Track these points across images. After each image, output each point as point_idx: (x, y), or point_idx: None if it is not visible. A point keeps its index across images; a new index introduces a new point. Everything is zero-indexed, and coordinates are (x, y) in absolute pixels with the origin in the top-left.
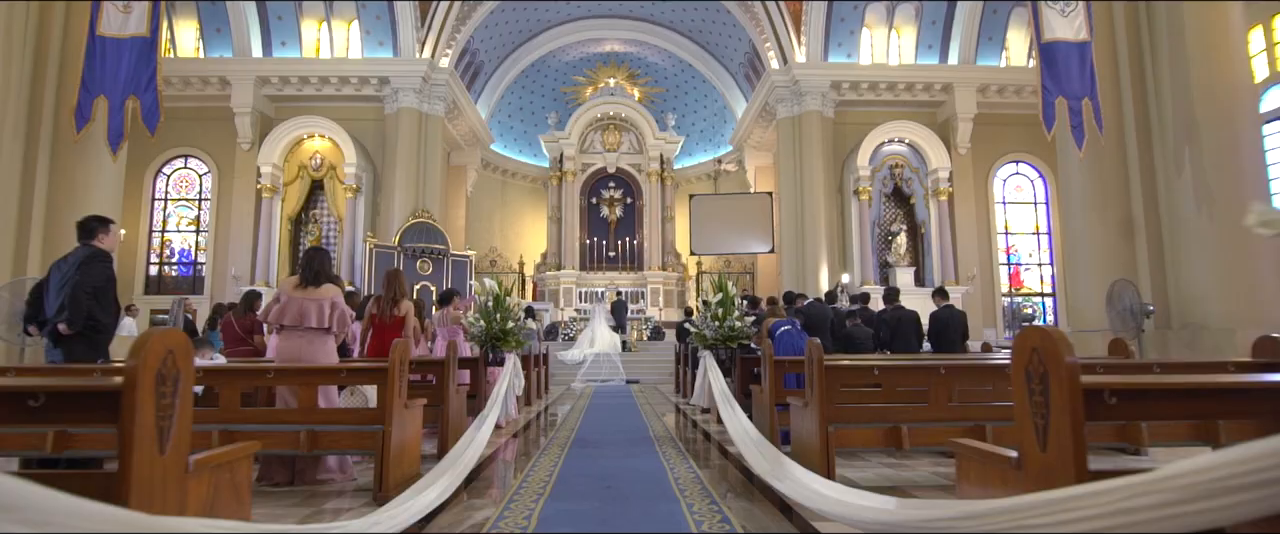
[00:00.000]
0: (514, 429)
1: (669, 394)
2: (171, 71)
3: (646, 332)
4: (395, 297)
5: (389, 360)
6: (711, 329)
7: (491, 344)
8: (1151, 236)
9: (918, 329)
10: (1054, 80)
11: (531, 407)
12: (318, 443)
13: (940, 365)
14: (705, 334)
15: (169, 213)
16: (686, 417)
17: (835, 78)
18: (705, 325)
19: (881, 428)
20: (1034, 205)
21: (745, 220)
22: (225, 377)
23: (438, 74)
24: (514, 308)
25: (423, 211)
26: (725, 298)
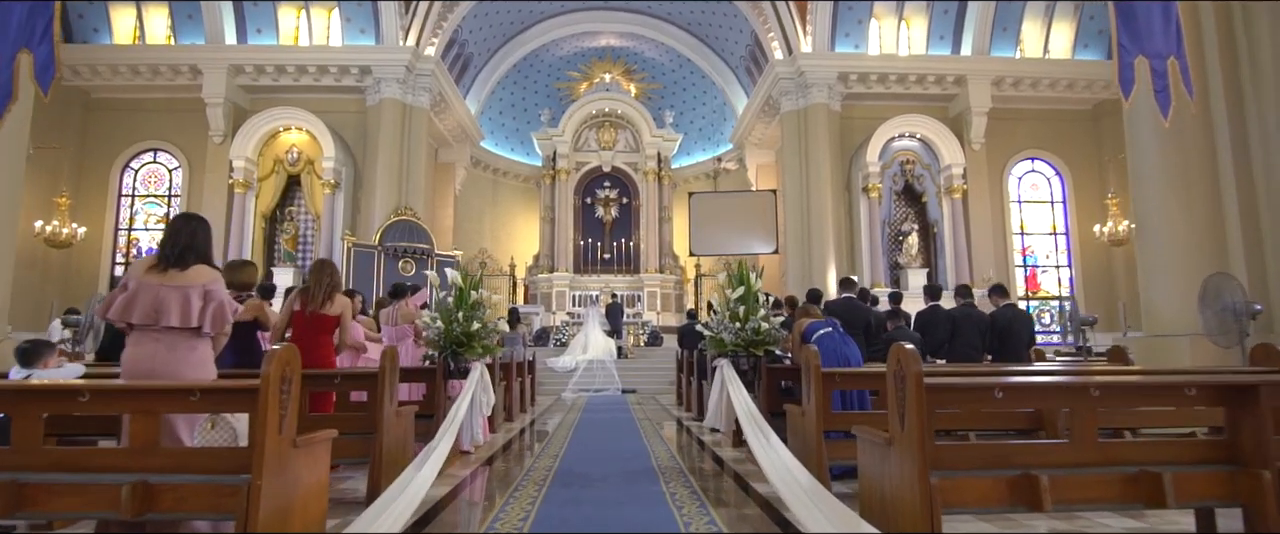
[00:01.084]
0: (486, 455)
1: (669, 405)
2: (139, 60)
3: (644, 337)
4: (327, 290)
5: (262, 376)
6: (730, 332)
7: (452, 351)
8: (1247, 223)
9: (983, 332)
10: (1132, 37)
11: (514, 422)
12: (154, 502)
13: (1092, 384)
14: (722, 338)
15: (136, 209)
16: (691, 435)
17: (843, 69)
18: (722, 328)
19: (1006, 476)
20: (1050, 204)
21: (747, 220)
22: (20, 401)
23: (422, 63)
24: (484, 304)
25: (406, 209)
26: (748, 293)
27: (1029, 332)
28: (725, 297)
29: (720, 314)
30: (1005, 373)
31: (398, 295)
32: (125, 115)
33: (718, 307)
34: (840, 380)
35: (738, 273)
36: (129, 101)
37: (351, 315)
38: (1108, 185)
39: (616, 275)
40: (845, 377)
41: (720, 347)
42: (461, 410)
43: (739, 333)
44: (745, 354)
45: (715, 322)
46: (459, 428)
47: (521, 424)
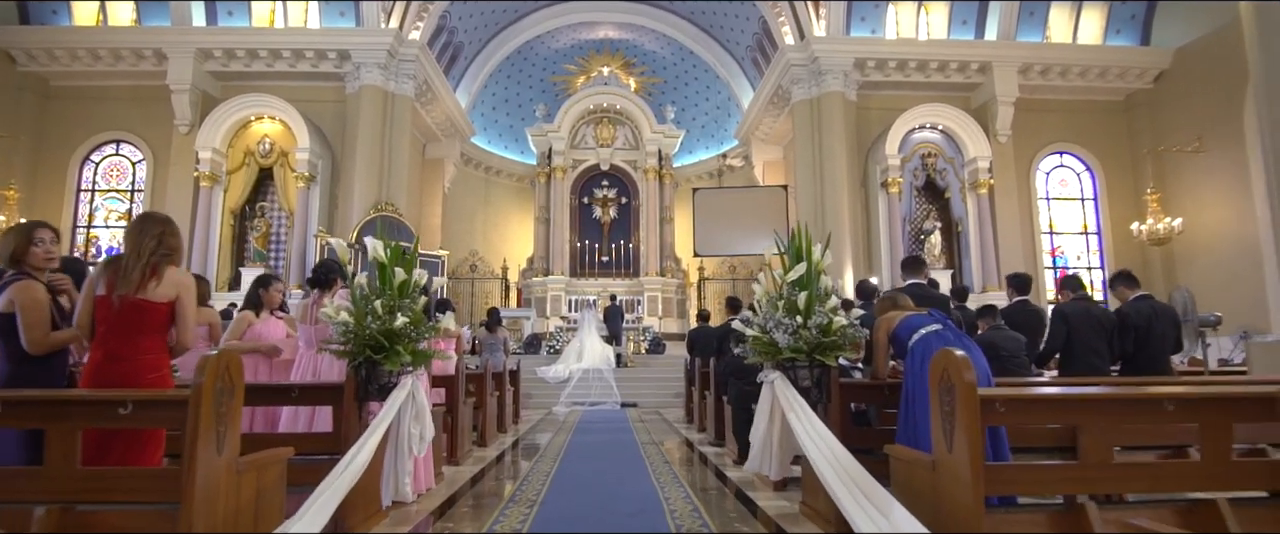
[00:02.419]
0: (432, 504)
1: (676, 422)
2: (99, 43)
3: (645, 344)
4: (151, 262)
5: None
6: (786, 332)
7: (366, 359)
8: None
9: (1110, 335)
10: None
11: (488, 448)
12: None
13: None
14: (774, 341)
15: (97, 205)
16: (708, 464)
17: (860, 55)
18: (774, 325)
19: None
20: (1080, 201)
21: (756, 217)
22: None
23: (406, 48)
24: (419, 290)
25: (386, 204)
26: (809, 275)
27: (1175, 333)
28: (773, 280)
29: (767, 307)
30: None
31: (323, 283)
32: (86, 104)
33: (761, 297)
34: (1003, 410)
35: (794, 243)
36: (90, 89)
37: (197, 302)
38: (1141, 180)
39: (615, 279)
40: (1015, 403)
41: (770, 353)
42: (363, 453)
43: (799, 332)
44: (807, 363)
45: (761, 317)
46: (383, 477)
47: (499, 448)
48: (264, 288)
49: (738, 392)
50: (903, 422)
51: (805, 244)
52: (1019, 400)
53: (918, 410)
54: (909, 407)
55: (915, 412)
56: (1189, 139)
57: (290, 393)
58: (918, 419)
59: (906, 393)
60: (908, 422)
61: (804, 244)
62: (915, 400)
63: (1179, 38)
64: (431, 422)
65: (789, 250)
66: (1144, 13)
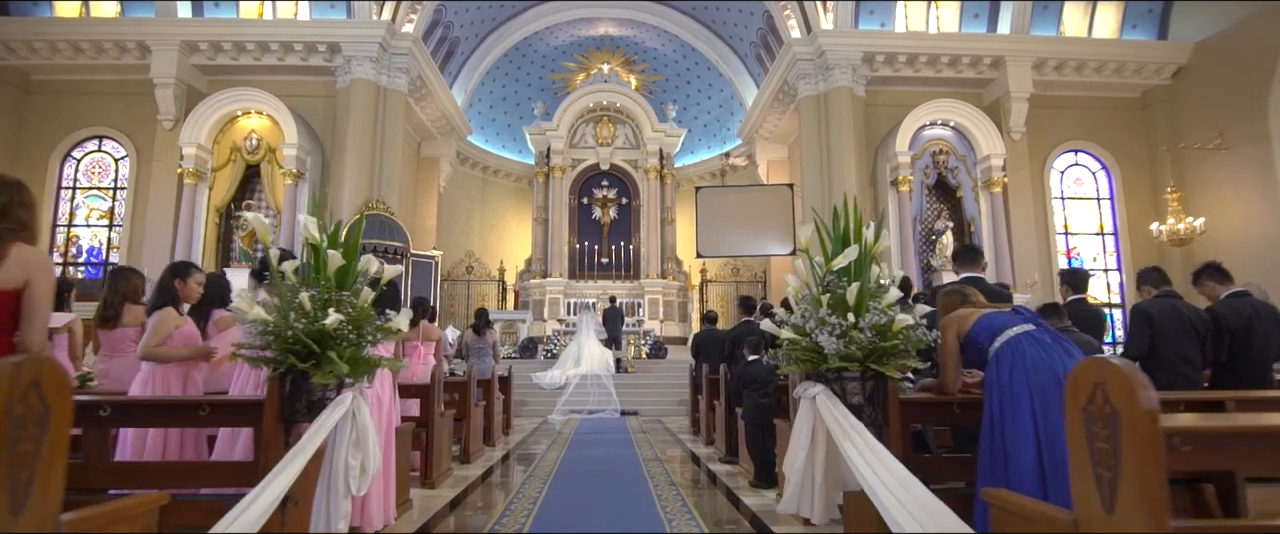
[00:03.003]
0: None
1: (680, 433)
2: (81, 35)
3: (645, 348)
4: None
5: None
6: (832, 335)
7: (289, 368)
8: None
9: (1202, 337)
10: None
11: (471, 466)
12: None
13: None
14: (817, 346)
15: (78, 204)
16: (718, 484)
17: (868, 48)
18: (816, 326)
19: None
20: (1097, 201)
21: (761, 217)
22: None
23: (399, 42)
24: (364, 280)
25: (377, 203)
26: (861, 260)
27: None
28: (813, 269)
29: (808, 303)
30: None
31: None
32: (67, 98)
33: (795, 292)
34: (1188, 448)
35: (839, 223)
36: (72, 83)
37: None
38: (1159, 179)
39: (615, 281)
40: (1216, 440)
41: (811, 361)
42: (265, 497)
43: (850, 334)
44: (858, 375)
45: (802, 318)
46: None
47: (485, 464)
48: (181, 279)
49: (753, 404)
50: (987, 453)
51: (854, 223)
52: (1220, 436)
53: (1008, 437)
54: (996, 432)
55: (1005, 439)
56: (1209, 136)
57: (198, 410)
58: (1009, 449)
59: (991, 414)
60: (994, 452)
61: (851, 223)
62: (1005, 423)
63: (1197, 32)
64: (376, 450)
65: (832, 232)
66: (1161, 7)
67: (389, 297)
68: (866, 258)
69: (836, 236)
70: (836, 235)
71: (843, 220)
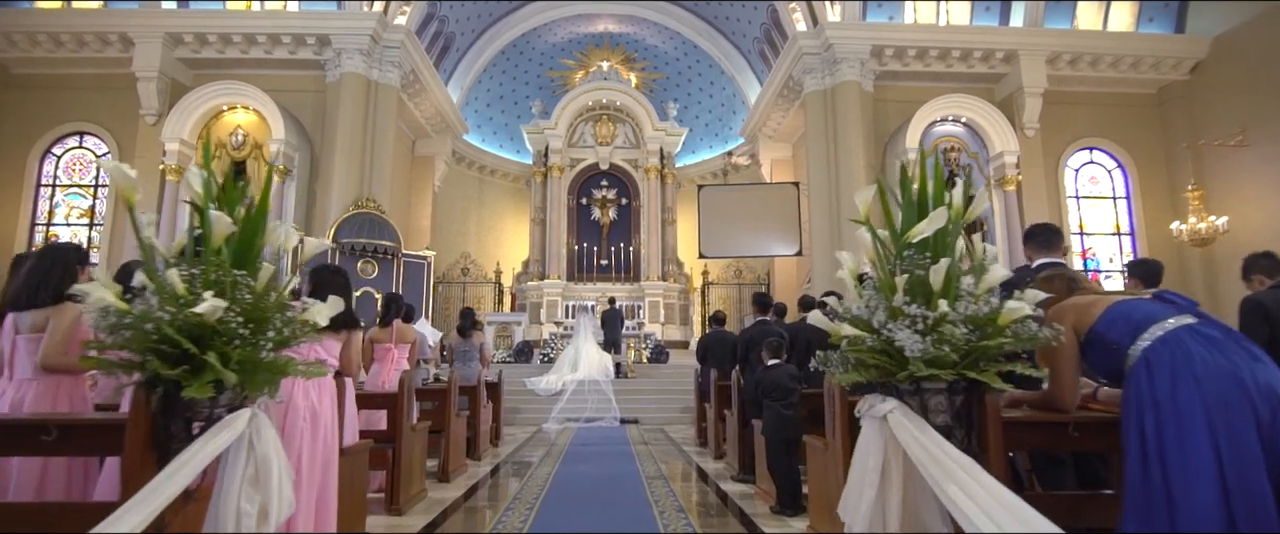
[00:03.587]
0: None
1: (685, 444)
2: (62, 26)
3: (646, 352)
4: None
5: None
6: (911, 333)
7: (153, 375)
8: None
9: None
10: None
11: (450, 486)
12: None
13: None
14: (890, 346)
15: (57, 202)
16: (730, 506)
17: (877, 41)
18: (886, 319)
19: None
20: (1112, 200)
21: (765, 216)
22: None
23: (391, 34)
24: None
25: (367, 201)
26: (951, 226)
27: None
28: (878, 246)
29: (872, 290)
30: None
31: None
32: (47, 93)
33: (852, 273)
34: None
35: (908, 186)
36: (52, 77)
37: None
38: (1177, 177)
39: (614, 283)
40: None
41: (881, 367)
42: None
43: (939, 330)
44: (945, 385)
45: (865, 306)
46: None
47: (468, 483)
48: (81, 266)
49: (775, 417)
50: (1140, 493)
51: (935, 180)
52: None
53: (1173, 470)
54: (1152, 465)
55: (1167, 473)
56: (1230, 133)
57: (42, 434)
58: (1174, 487)
59: (1142, 440)
60: (1150, 492)
61: (931, 181)
62: (1167, 452)
63: (1215, 26)
64: (287, 487)
65: (901, 194)
66: (1177, 2)
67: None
68: (956, 221)
69: (905, 202)
70: (906, 200)
71: (919, 179)
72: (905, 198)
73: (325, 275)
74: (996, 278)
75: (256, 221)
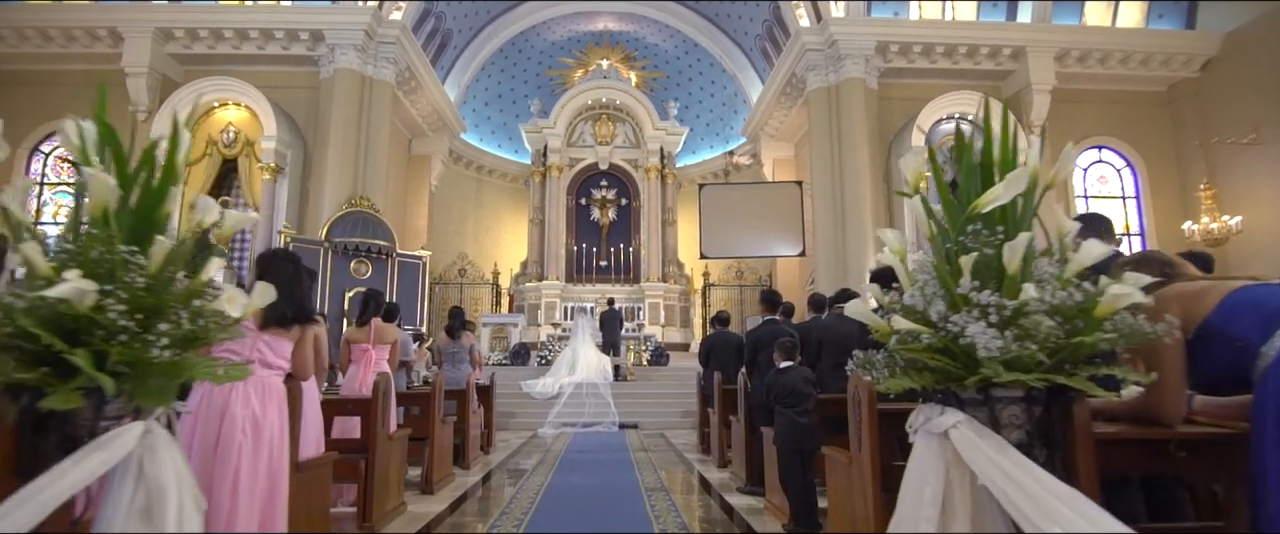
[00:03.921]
0: None
1: (685, 450)
2: (51, 21)
3: (646, 354)
4: None
5: None
6: (985, 326)
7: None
8: None
9: None
10: None
11: (433, 499)
12: None
13: None
14: (954, 343)
15: (45, 200)
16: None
17: (882, 37)
18: (946, 308)
19: None
20: (1122, 200)
21: (768, 216)
22: None
23: (386, 29)
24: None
25: (361, 199)
26: (1030, 197)
27: None
28: (929, 217)
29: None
30: None
31: None
32: (36, 89)
33: (898, 253)
34: None
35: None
36: (41, 73)
37: None
38: (1188, 176)
39: (614, 284)
40: None
41: (941, 371)
42: None
43: (1026, 323)
44: (1023, 392)
45: (920, 293)
46: None
47: (453, 495)
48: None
49: (789, 425)
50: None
51: (1003, 138)
52: None
53: None
54: None
55: None
56: (1243, 131)
57: None
58: None
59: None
60: None
61: (998, 139)
62: None
63: (1227, 23)
64: (194, 519)
65: (956, 157)
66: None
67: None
68: (1032, 195)
69: (965, 167)
70: (965, 165)
71: (984, 137)
72: (964, 161)
73: (271, 261)
74: (1091, 256)
75: (163, 184)
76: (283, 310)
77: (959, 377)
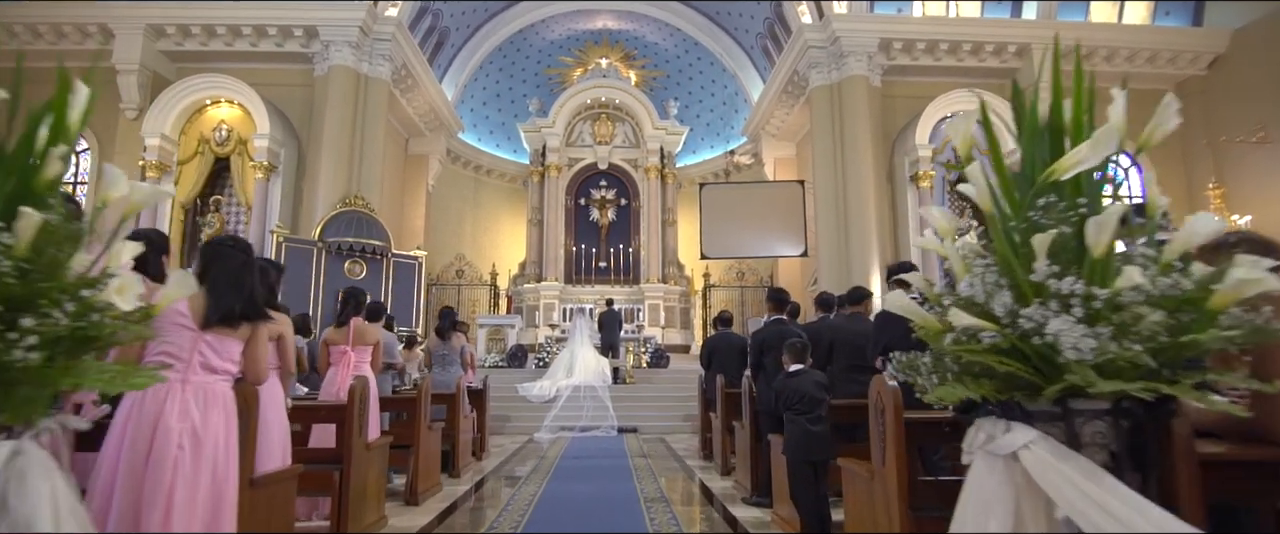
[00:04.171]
0: None
1: (686, 455)
2: (40, 18)
3: (646, 356)
4: None
5: None
6: (1072, 321)
7: None
8: None
9: None
10: None
11: (417, 511)
12: None
13: None
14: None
15: None
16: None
17: (885, 34)
18: (1012, 300)
19: None
20: (1128, 199)
21: (769, 216)
22: None
23: (382, 25)
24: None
25: (355, 198)
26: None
27: None
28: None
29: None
30: None
31: None
32: (26, 87)
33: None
34: None
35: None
36: (30, 70)
37: None
38: (1196, 175)
39: (613, 285)
40: None
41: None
42: None
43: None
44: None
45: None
46: None
47: (439, 506)
48: None
49: (799, 434)
50: None
51: (1077, 91)
52: None
53: None
54: None
55: None
56: (1251, 129)
57: None
58: None
59: None
60: None
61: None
62: None
63: (1235, 20)
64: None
65: (1019, 120)
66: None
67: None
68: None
69: (1027, 131)
70: (1029, 128)
71: (1053, 92)
72: (1028, 124)
73: (216, 252)
74: (1201, 233)
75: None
76: (229, 306)
77: (1034, 385)
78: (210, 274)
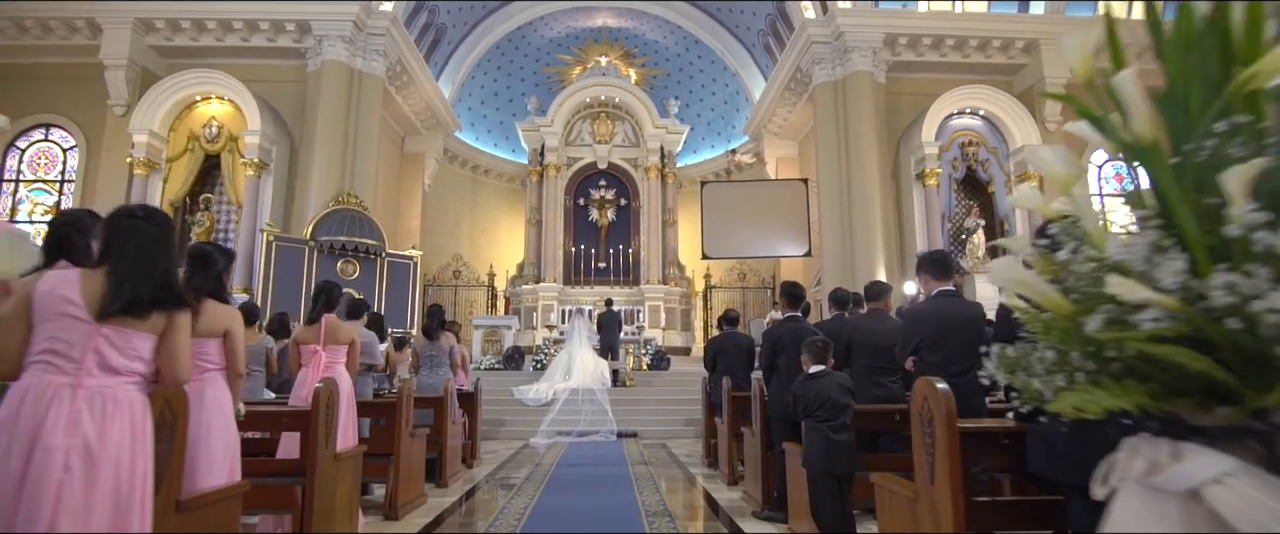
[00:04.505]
0: None
1: (688, 461)
2: (26, 12)
3: (646, 358)
4: None
5: None
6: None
7: None
8: None
9: None
10: None
11: (398, 522)
12: None
13: None
14: (1226, 326)
15: (21, 198)
16: None
17: (890, 29)
18: (1192, 278)
19: None
20: None
21: (772, 215)
22: None
23: (376, 21)
24: None
25: (349, 196)
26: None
27: None
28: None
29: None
30: None
31: None
32: (11, 83)
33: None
34: None
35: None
36: (16, 67)
37: None
38: None
39: (613, 286)
40: None
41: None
42: None
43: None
44: None
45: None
46: None
47: (423, 518)
48: None
49: (822, 444)
50: None
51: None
52: None
53: None
54: None
55: None
56: None
57: None
58: None
59: None
60: None
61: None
62: None
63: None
64: None
65: (1156, 36)
66: None
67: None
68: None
69: (1172, 47)
70: (1177, 39)
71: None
72: (1179, 31)
73: (118, 224)
74: None
75: None
76: (134, 292)
77: (1231, 393)
78: (112, 251)
